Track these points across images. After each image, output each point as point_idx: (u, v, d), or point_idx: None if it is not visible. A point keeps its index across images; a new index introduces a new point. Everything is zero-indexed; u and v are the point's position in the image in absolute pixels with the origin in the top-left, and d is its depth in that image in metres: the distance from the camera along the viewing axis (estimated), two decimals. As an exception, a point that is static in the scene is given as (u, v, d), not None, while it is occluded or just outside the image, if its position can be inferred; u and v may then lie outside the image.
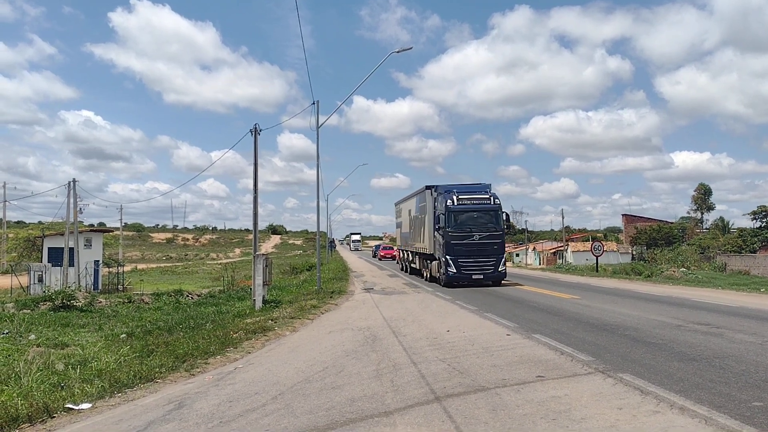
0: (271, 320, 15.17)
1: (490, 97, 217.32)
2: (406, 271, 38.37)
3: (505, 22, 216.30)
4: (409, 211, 34.09)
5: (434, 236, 26.84)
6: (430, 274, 28.56)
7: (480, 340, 11.31)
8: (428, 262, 29.16)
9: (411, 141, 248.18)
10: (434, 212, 26.82)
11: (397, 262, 45.66)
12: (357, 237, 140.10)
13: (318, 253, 28.76)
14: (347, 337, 12.43)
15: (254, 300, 18.95)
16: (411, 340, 11.51)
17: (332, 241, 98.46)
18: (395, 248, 54.68)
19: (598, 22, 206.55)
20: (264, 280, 19.12)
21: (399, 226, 39.77)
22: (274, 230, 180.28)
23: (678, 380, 7.60)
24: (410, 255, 36.19)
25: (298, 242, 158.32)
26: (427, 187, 28.35)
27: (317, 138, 26.18)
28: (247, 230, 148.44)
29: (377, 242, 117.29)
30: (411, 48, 24.49)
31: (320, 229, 28.83)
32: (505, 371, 8.41)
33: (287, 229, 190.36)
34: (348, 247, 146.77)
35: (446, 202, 25.44)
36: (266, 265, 19.39)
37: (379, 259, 66.25)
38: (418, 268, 33.20)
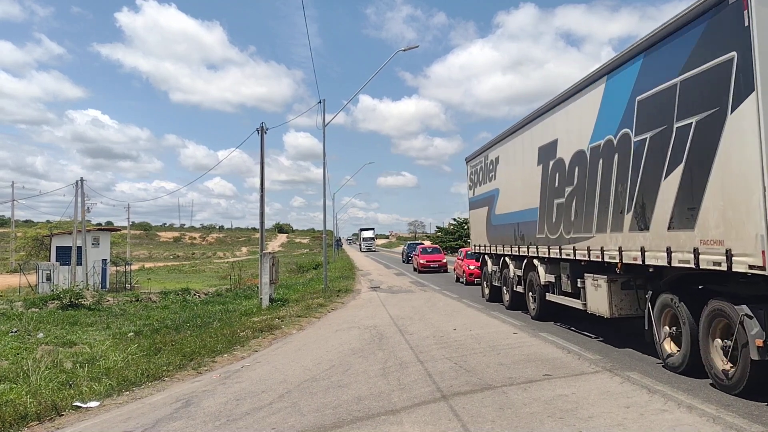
0: (278, 319, 15.20)
1: (496, 95, 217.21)
2: (511, 305, 15.72)
3: (510, 20, 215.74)
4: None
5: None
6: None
7: (487, 338, 11.29)
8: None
9: (417, 139, 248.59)
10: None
11: (486, 285, 18.50)
12: (369, 234, 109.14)
13: (324, 251, 28.76)
14: (354, 335, 12.44)
15: (261, 298, 18.99)
16: (417, 339, 11.50)
17: (339, 240, 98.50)
18: (459, 257, 27.88)
19: (604, 20, 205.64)
20: (271, 278, 19.15)
21: (491, 201, 16.70)
22: (280, 229, 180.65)
23: (685, 379, 7.55)
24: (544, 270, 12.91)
25: (305, 241, 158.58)
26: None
27: (324, 137, 26.03)
28: (254, 229, 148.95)
29: (410, 241, 73.03)
30: (417, 46, 23.77)
31: (327, 228, 28.83)
32: (512, 370, 8.39)
33: (294, 228, 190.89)
34: (358, 247, 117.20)
35: None
36: (273, 264, 19.42)
37: (419, 272, 35.69)
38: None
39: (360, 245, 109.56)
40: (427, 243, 62.76)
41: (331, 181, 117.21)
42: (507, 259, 15.46)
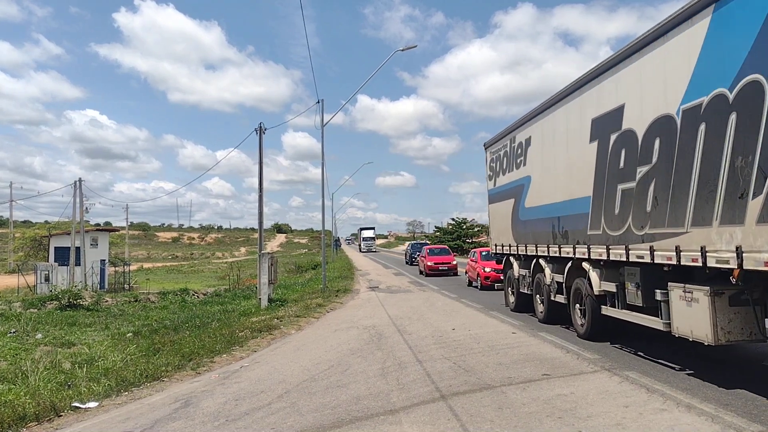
0: (277, 319, 15.20)
1: (494, 95, 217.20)
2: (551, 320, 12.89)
3: (508, 20, 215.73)
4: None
5: None
6: None
7: (485, 338, 11.30)
8: None
9: (416, 139, 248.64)
10: None
11: (511, 292, 15.74)
12: (369, 233, 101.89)
13: (323, 251, 28.76)
14: (353, 335, 12.44)
15: (260, 299, 18.98)
16: (416, 339, 11.50)
17: (337, 240, 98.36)
18: (473, 258, 25.01)
19: (602, 19, 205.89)
20: (269, 278, 19.15)
21: (519, 192, 14.16)
22: (279, 229, 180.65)
23: (684, 378, 7.57)
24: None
25: (304, 241, 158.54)
26: None
27: (322, 137, 26.02)
28: (253, 229, 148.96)
29: (414, 241, 69.11)
30: (416, 46, 23.58)
31: (325, 228, 28.83)
32: (510, 369, 8.39)
33: (292, 228, 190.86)
34: (357, 247, 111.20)
35: None
36: (271, 264, 19.42)
37: (426, 275, 32.33)
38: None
39: (359, 245, 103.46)
40: (434, 244, 56.98)
41: (329, 181, 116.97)
42: (542, 261, 12.61)
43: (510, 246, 14.94)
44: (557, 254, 11.69)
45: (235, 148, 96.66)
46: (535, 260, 13.25)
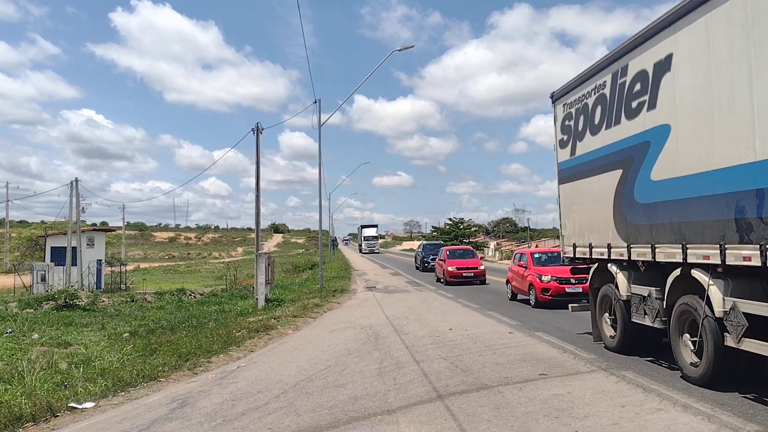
0: (274, 319, 15.19)
1: (491, 95, 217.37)
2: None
3: (505, 20, 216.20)
4: None
5: None
6: None
7: (482, 338, 11.31)
8: None
9: (413, 139, 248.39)
10: None
11: (607, 319, 10.03)
12: (372, 231, 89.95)
13: (320, 251, 28.75)
14: (350, 335, 12.43)
15: (257, 299, 18.96)
16: (413, 339, 11.51)
17: (335, 240, 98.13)
18: (521, 263, 18.17)
19: (598, 20, 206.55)
20: (266, 278, 19.13)
21: (635, 157, 8.61)
22: (276, 229, 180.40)
23: (680, 378, 7.58)
24: None
25: (301, 241, 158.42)
26: None
27: (319, 137, 26.01)
28: (250, 229, 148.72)
29: (427, 241, 55.18)
30: (413, 46, 23.62)
31: (322, 228, 28.83)
32: (507, 369, 8.40)
33: (289, 228, 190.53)
34: (357, 248, 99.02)
35: None
36: (269, 264, 19.40)
37: (446, 283, 25.99)
38: None
39: (360, 245, 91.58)
40: (453, 244, 50.05)
41: (326, 181, 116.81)
42: (698, 274, 7.30)
43: (610, 246, 9.51)
44: (744, 261, 6.41)
45: (232, 148, 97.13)
46: (678, 271, 7.76)
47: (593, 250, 10.20)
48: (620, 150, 9.13)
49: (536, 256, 18.16)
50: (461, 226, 77.90)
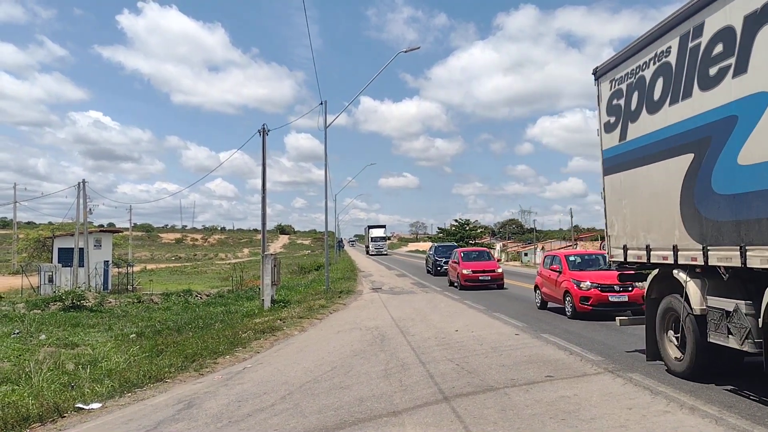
0: (280, 320, 15.20)
1: (497, 96, 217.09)
2: None
3: (510, 21, 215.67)
4: None
5: None
6: None
7: (488, 339, 11.28)
8: None
9: (418, 140, 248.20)
10: None
11: (671, 338, 8.26)
12: (379, 232, 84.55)
13: (326, 252, 28.77)
14: (355, 336, 12.43)
15: (263, 300, 18.99)
16: (419, 340, 11.49)
17: (340, 241, 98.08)
18: (554, 267, 15.89)
19: (605, 21, 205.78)
20: (272, 280, 19.16)
21: (714, 138, 7.00)
22: (282, 230, 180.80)
23: (688, 380, 7.54)
24: None
25: (307, 242, 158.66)
26: None
27: (325, 138, 26.03)
28: (256, 230, 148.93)
29: (439, 243, 45.51)
30: (419, 47, 23.47)
31: (328, 229, 28.83)
32: (513, 371, 8.38)
33: (295, 229, 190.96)
34: (365, 249, 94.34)
35: None
36: (275, 265, 19.43)
37: (460, 287, 23.83)
38: None
39: (367, 247, 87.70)
40: (468, 246, 48.19)
41: (332, 183, 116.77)
42: None
43: (677, 249, 7.92)
44: None
45: (239, 149, 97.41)
46: None
47: (652, 253, 8.55)
48: (691, 129, 7.52)
49: (571, 258, 16.27)
50: (467, 228, 77.92)
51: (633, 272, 9.84)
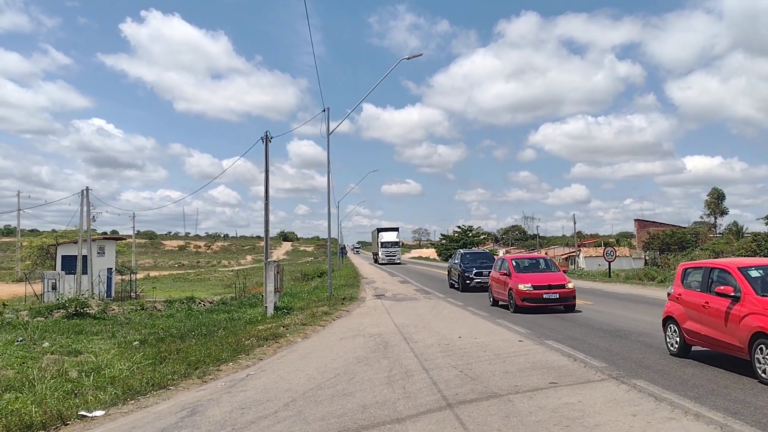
0: (283, 327, 15.19)
1: (499, 103, 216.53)
2: None
3: (512, 28, 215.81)
4: None
5: None
6: None
7: (492, 346, 11.25)
8: None
9: (421, 147, 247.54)
10: None
11: None
12: (392, 236, 70.08)
13: (329, 259, 28.76)
14: (359, 343, 12.41)
15: (266, 307, 18.98)
16: (422, 347, 11.47)
17: (343, 248, 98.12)
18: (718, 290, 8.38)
19: (606, 28, 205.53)
20: (275, 286, 19.15)
21: None
22: (285, 237, 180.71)
23: (693, 386, 7.52)
24: None
25: (309, 249, 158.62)
26: None
27: (328, 145, 26.09)
28: (259, 237, 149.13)
29: (466, 249, 41.18)
30: (421, 54, 23.44)
31: (331, 236, 28.83)
32: (517, 378, 8.35)
33: (298, 236, 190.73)
34: (373, 258, 79.43)
35: None
36: (277, 272, 19.43)
37: (513, 310, 16.86)
38: None
39: (376, 254, 73.64)
40: (521, 252, 39.58)
41: (335, 189, 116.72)
42: None
43: None
44: None
45: (241, 156, 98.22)
46: None
47: None
48: None
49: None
50: (470, 234, 77.85)
51: None
